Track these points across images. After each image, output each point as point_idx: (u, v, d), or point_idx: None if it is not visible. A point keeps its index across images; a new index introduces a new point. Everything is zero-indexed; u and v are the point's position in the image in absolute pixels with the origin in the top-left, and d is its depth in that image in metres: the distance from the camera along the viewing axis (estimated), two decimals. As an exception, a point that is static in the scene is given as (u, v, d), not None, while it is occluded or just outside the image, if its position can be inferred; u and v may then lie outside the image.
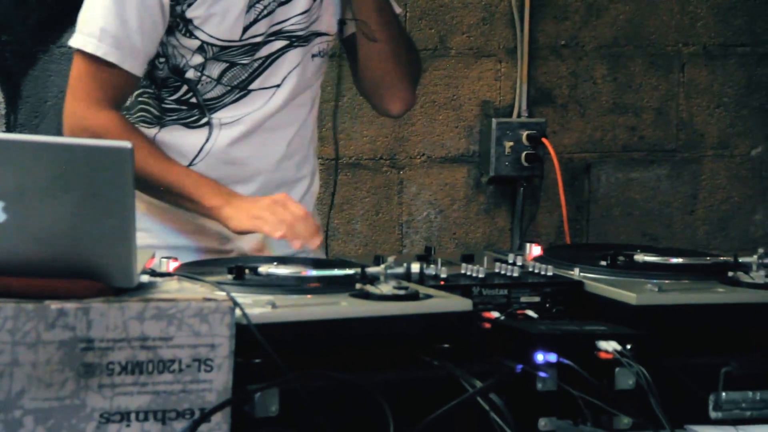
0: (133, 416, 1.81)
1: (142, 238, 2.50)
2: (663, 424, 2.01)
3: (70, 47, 2.60)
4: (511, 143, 3.97)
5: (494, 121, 3.98)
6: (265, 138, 2.67)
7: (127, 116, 2.66)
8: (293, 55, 2.66)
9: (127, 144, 1.87)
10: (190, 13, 2.56)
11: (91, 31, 2.55)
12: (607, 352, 2.08)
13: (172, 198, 2.56)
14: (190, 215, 2.61)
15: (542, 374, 2.05)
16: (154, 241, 2.60)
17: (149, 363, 1.82)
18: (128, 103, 2.67)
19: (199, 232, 2.65)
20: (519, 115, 4.01)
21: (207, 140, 2.64)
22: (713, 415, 2.17)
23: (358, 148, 3.89)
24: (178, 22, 2.56)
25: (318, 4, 2.66)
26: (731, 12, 4.18)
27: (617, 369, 2.09)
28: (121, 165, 1.87)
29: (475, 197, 4.02)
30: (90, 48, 2.54)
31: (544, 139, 3.95)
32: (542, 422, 2.07)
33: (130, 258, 1.91)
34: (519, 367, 2.05)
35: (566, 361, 2.05)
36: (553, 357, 2.05)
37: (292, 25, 2.64)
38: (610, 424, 2.09)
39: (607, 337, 2.09)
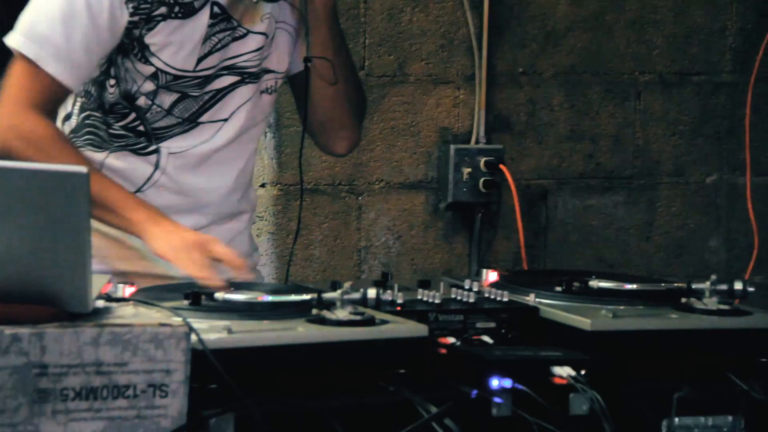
0: (87, 442, 1.80)
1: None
2: (616, 450, 2.03)
3: (6, 45, 2.54)
4: (469, 170, 3.99)
5: (452, 147, 3.99)
6: (214, 170, 2.66)
7: (73, 139, 2.64)
8: (244, 91, 2.65)
9: (83, 169, 1.87)
10: (148, 39, 2.54)
11: (33, 36, 2.50)
12: (561, 377, 2.09)
13: (98, 211, 2.48)
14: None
15: (497, 400, 2.06)
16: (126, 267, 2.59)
17: (104, 388, 1.81)
18: (74, 125, 2.65)
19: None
20: (477, 142, 4.02)
21: (156, 168, 2.63)
22: (666, 440, 2.18)
23: (317, 174, 3.90)
24: (135, 46, 2.54)
25: (269, 41, 2.66)
26: (687, 41, 4.22)
27: (571, 394, 2.10)
28: (77, 190, 1.87)
29: (433, 223, 4.03)
30: (30, 53, 2.50)
31: (501, 166, 3.97)
32: (497, 447, 2.07)
33: (86, 283, 1.90)
34: (474, 392, 2.06)
35: (521, 387, 2.06)
36: (508, 382, 2.06)
37: (245, 61, 2.63)
38: (565, 449, 2.10)
39: (561, 363, 2.10)
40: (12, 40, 2.53)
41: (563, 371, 2.09)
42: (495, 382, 2.06)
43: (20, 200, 1.84)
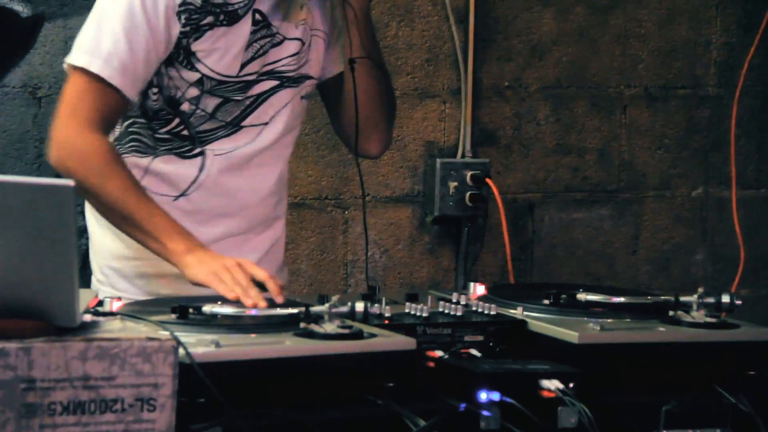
0: (74, 456, 1.80)
1: (137, 266, 2.51)
2: (605, 463, 2.03)
3: (69, 64, 2.57)
4: (456, 183, 3.99)
5: (438, 161, 3.99)
6: (255, 172, 2.71)
7: (118, 146, 2.67)
8: (283, 95, 2.71)
9: (69, 183, 1.87)
10: (195, 46, 2.59)
11: (98, 52, 2.54)
12: (549, 390, 2.09)
13: (139, 234, 2.54)
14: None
15: (485, 413, 2.06)
16: (150, 269, 2.62)
17: (91, 403, 1.80)
18: (117, 133, 2.68)
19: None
20: (463, 156, 4.03)
21: (201, 170, 2.67)
22: (655, 453, 2.18)
23: (303, 188, 3.90)
24: (180, 53, 2.59)
25: (307, 47, 2.73)
26: (672, 55, 4.24)
27: (560, 407, 2.10)
28: (64, 204, 1.86)
29: (420, 237, 4.03)
30: (95, 68, 2.53)
31: (488, 180, 3.98)
32: (486, 461, 2.07)
33: (73, 297, 1.90)
34: (462, 405, 2.06)
35: (509, 400, 2.06)
36: (496, 396, 2.06)
37: (283, 66, 2.70)
38: (553, 462, 2.10)
39: (549, 376, 2.11)
40: (77, 58, 2.56)
41: (551, 384, 2.09)
42: (483, 396, 2.06)
43: (6, 214, 1.84)
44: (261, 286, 2.35)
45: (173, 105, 2.63)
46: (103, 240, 2.72)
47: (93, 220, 2.75)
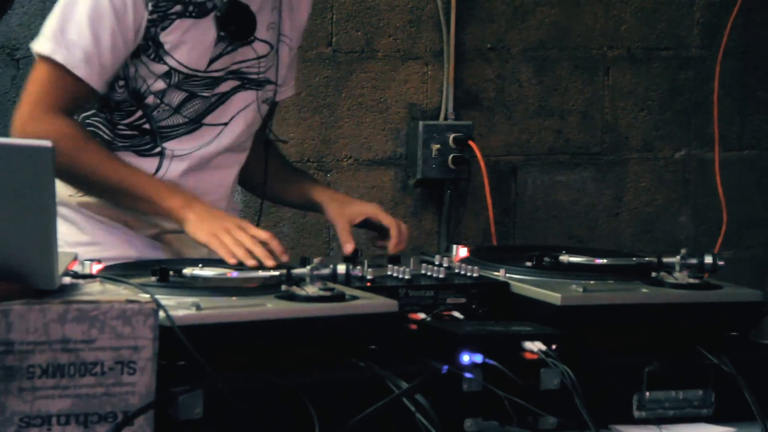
0: (54, 420, 1.79)
1: (94, 252, 2.50)
2: (588, 424, 2.02)
3: (34, 51, 2.55)
4: (438, 146, 3.98)
5: (421, 123, 3.98)
6: (212, 174, 2.67)
7: None
8: (244, 97, 2.67)
9: (47, 143, 1.85)
10: (163, 37, 2.55)
11: (61, 41, 2.51)
12: (532, 352, 2.09)
13: (130, 201, 2.55)
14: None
15: (468, 375, 2.06)
16: (109, 254, 2.58)
17: (71, 366, 1.79)
18: None
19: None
20: (446, 118, 4.01)
21: (158, 169, 2.63)
22: (637, 414, 2.18)
23: (285, 151, 3.87)
24: (149, 45, 2.55)
25: (274, 52, 2.69)
26: (654, 16, 4.22)
27: (542, 369, 2.09)
28: (42, 165, 1.85)
29: (402, 200, 4.02)
30: (59, 57, 2.51)
31: (470, 142, 3.96)
32: (468, 423, 2.07)
33: (52, 259, 1.88)
34: (445, 367, 2.05)
35: (492, 362, 2.06)
36: (478, 358, 2.06)
37: (248, 67, 2.66)
38: (536, 424, 2.10)
39: (532, 338, 2.10)
40: (41, 45, 2.54)
41: (534, 346, 2.09)
42: (466, 358, 2.05)
43: (-16, 176, 1.82)
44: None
45: (138, 98, 2.59)
46: (58, 227, 2.66)
47: None
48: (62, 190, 2.63)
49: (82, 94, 2.54)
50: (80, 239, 2.63)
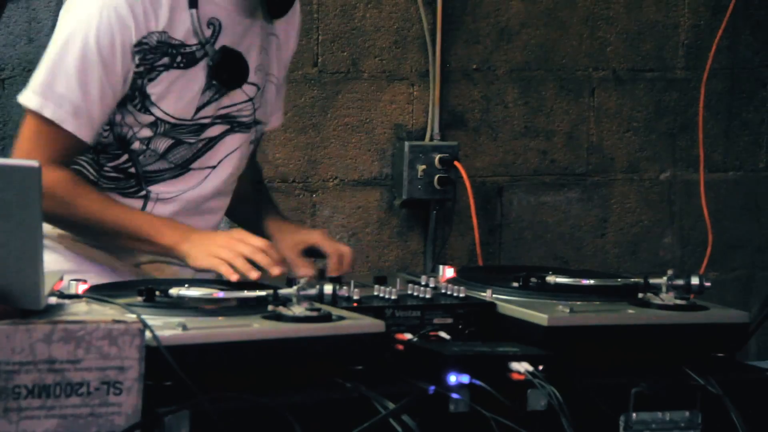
0: (39, 441, 1.78)
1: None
2: (575, 445, 2.02)
3: (22, 104, 2.54)
4: (424, 166, 3.98)
5: (407, 144, 3.98)
6: (197, 221, 2.65)
7: None
8: (233, 140, 2.66)
9: (34, 163, 1.84)
10: (150, 89, 2.54)
11: (49, 95, 2.50)
12: (519, 373, 2.09)
13: (129, 242, 2.55)
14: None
15: (455, 396, 2.05)
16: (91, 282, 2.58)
17: (57, 386, 1.78)
18: None
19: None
20: (431, 139, 4.01)
21: (142, 210, 2.61)
22: (624, 435, 2.18)
23: (271, 171, 3.87)
24: (136, 96, 2.54)
25: (260, 93, 2.68)
26: (640, 37, 4.24)
27: (529, 390, 2.09)
28: (29, 185, 1.84)
29: (388, 220, 4.02)
30: (47, 113, 2.50)
31: (456, 163, 3.97)
32: (455, 444, 2.07)
33: (38, 279, 1.88)
34: (432, 388, 2.05)
35: (479, 383, 2.05)
36: (465, 378, 2.05)
37: (237, 111, 2.64)
38: (523, 445, 2.09)
39: (519, 359, 2.10)
40: (28, 100, 2.53)
41: (521, 367, 2.09)
42: (452, 378, 2.05)
43: (-30, 195, 1.82)
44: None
45: (123, 143, 2.58)
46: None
47: None
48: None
49: (72, 145, 2.53)
50: (63, 267, 2.61)
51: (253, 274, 2.33)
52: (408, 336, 2.21)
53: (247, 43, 2.62)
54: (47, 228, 2.60)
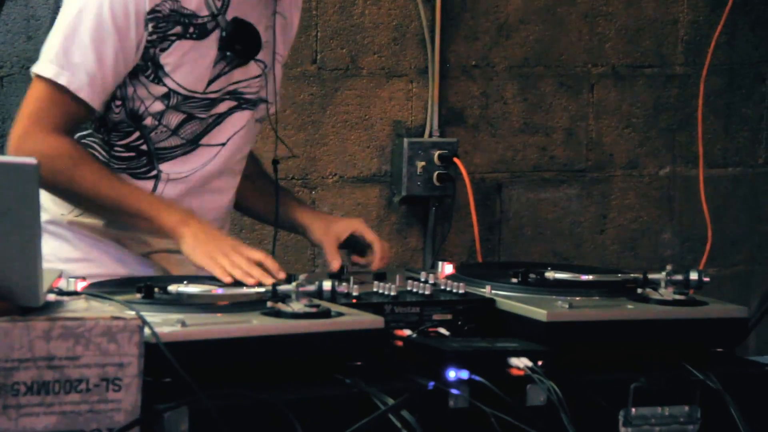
0: (39, 437, 1.78)
1: (86, 268, 2.49)
2: (574, 440, 2.02)
3: (36, 73, 2.53)
4: (423, 163, 3.98)
5: (406, 141, 3.98)
6: (208, 199, 2.66)
7: None
8: (240, 117, 2.67)
9: (32, 160, 1.84)
10: (163, 59, 2.54)
11: (65, 64, 2.50)
12: (518, 368, 2.09)
13: (127, 218, 2.54)
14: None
15: (454, 391, 2.05)
16: (101, 270, 2.57)
17: (56, 383, 1.79)
18: None
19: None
20: (431, 135, 4.01)
21: (153, 191, 2.61)
22: (623, 430, 2.18)
23: (270, 168, 3.87)
24: (148, 66, 2.55)
25: (269, 70, 2.69)
26: (639, 33, 4.23)
27: (529, 385, 2.09)
28: (27, 182, 1.84)
29: (388, 217, 4.02)
30: (63, 80, 2.50)
31: (455, 159, 3.97)
32: (454, 439, 2.07)
33: (36, 276, 1.88)
34: (431, 384, 2.05)
35: (478, 378, 2.05)
36: (465, 374, 2.05)
37: (245, 87, 2.65)
38: (522, 440, 2.09)
39: (518, 354, 2.10)
40: (44, 68, 2.52)
41: (520, 362, 2.09)
42: (452, 374, 2.05)
43: (-31, 192, 1.81)
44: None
45: (135, 119, 2.58)
46: (50, 242, 2.65)
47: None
48: (54, 208, 2.63)
49: (81, 114, 2.54)
50: (72, 255, 2.62)
51: (251, 281, 2.31)
52: (407, 332, 2.21)
53: (255, 19, 2.63)
54: (56, 214, 2.61)
